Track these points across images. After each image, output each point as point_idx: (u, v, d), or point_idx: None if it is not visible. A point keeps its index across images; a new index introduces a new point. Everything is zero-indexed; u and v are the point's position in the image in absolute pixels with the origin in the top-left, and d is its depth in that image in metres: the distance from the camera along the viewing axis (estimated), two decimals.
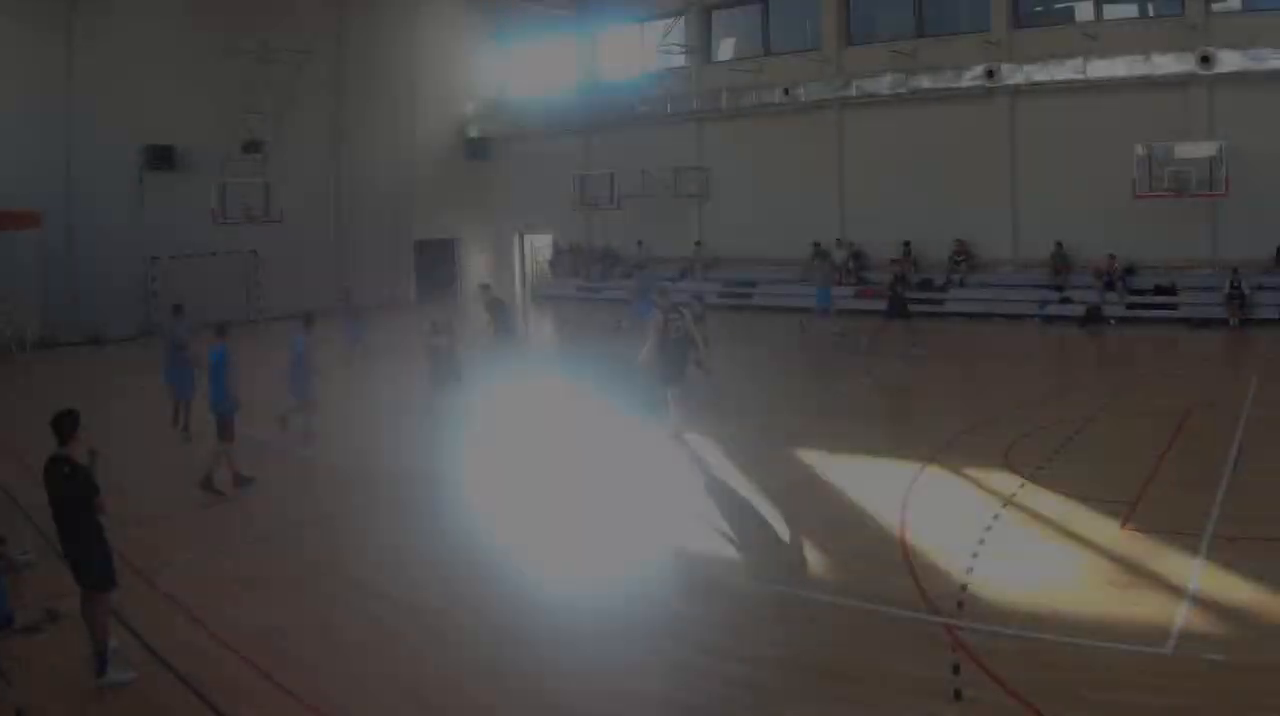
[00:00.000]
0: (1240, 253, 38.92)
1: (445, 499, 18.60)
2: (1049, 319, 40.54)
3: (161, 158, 47.23)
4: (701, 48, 53.29)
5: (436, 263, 59.86)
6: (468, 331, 26.60)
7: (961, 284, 44.45)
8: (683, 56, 53.39)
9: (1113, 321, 39.34)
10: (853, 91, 47.52)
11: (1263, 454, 18.84)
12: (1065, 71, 41.81)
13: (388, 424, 25.39)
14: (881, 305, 35.64)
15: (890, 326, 31.58)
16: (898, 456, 20.09)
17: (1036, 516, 16.06)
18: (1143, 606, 12.22)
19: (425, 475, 20.11)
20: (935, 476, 18.55)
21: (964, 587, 13.08)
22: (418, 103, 57.84)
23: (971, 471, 18.63)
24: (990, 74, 43.20)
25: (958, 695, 10.26)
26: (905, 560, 14.28)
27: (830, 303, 36.28)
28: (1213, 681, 10.27)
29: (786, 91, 48.75)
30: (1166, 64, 39.68)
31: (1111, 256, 40.41)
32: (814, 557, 14.94)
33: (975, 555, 14.24)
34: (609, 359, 31.38)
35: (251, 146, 48.09)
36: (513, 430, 23.39)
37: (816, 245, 48.23)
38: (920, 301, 41.80)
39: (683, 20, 52.94)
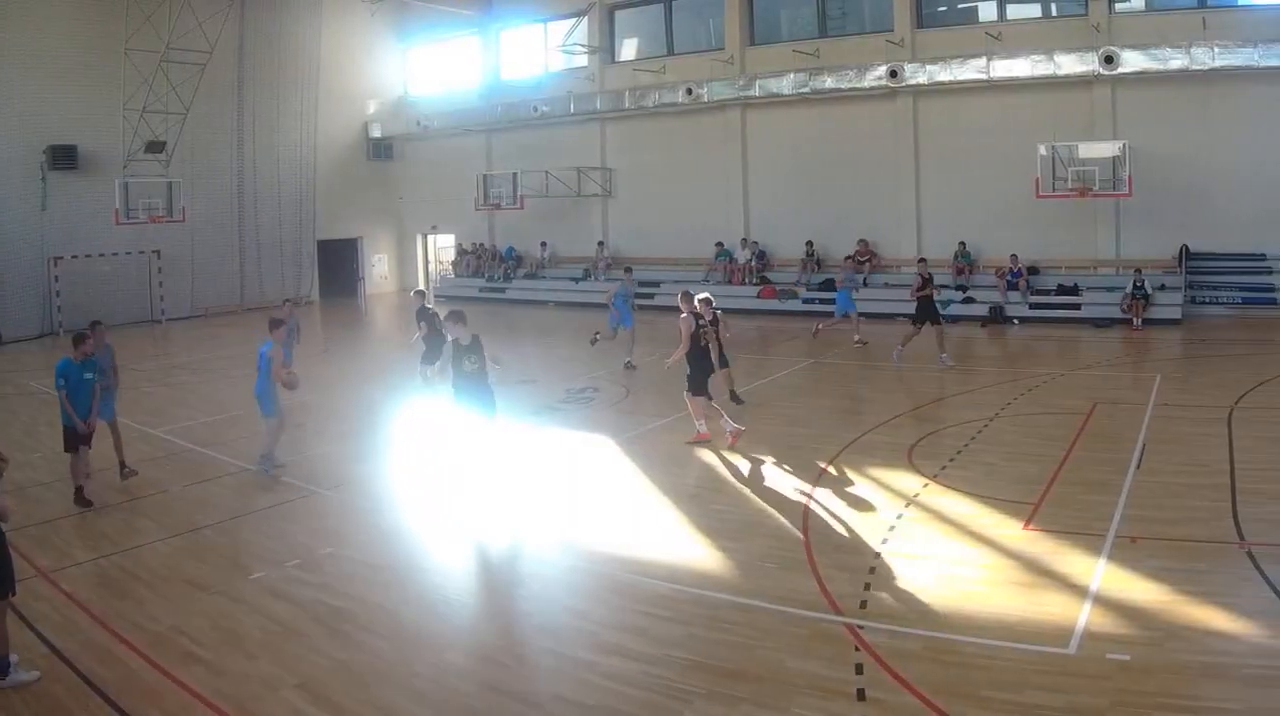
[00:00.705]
0: (1143, 252, 38.13)
1: (355, 500, 17.87)
2: (952, 319, 38.26)
3: (64, 157, 45.30)
4: (604, 48, 51.49)
5: (339, 262, 58.07)
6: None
7: (865, 284, 42.45)
8: (585, 56, 51.68)
9: (1016, 321, 38.32)
10: (756, 91, 45.97)
11: (1165, 453, 18.55)
12: (968, 71, 40.55)
13: (309, 425, 23.84)
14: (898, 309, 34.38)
15: (919, 332, 28.97)
16: (800, 457, 19.42)
17: (940, 516, 15.64)
18: (1046, 606, 11.98)
19: (336, 478, 19.30)
20: (838, 476, 18.00)
21: (867, 587, 12.79)
22: (320, 103, 55.65)
23: (875, 471, 18.11)
24: (893, 74, 41.86)
25: (861, 695, 10.04)
26: (808, 560, 13.92)
27: (853, 307, 33.85)
28: (1116, 681, 10.01)
29: (689, 91, 47.05)
30: (1070, 64, 38.55)
31: (1014, 256, 39.28)
32: (718, 558, 14.38)
33: (878, 555, 13.96)
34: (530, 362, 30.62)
35: (154, 146, 46.20)
36: (432, 433, 21.93)
37: (719, 245, 46.99)
38: (824, 301, 40.84)
39: (585, 20, 51.19)
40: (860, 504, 16.45)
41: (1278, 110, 36.32)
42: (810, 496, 16.80)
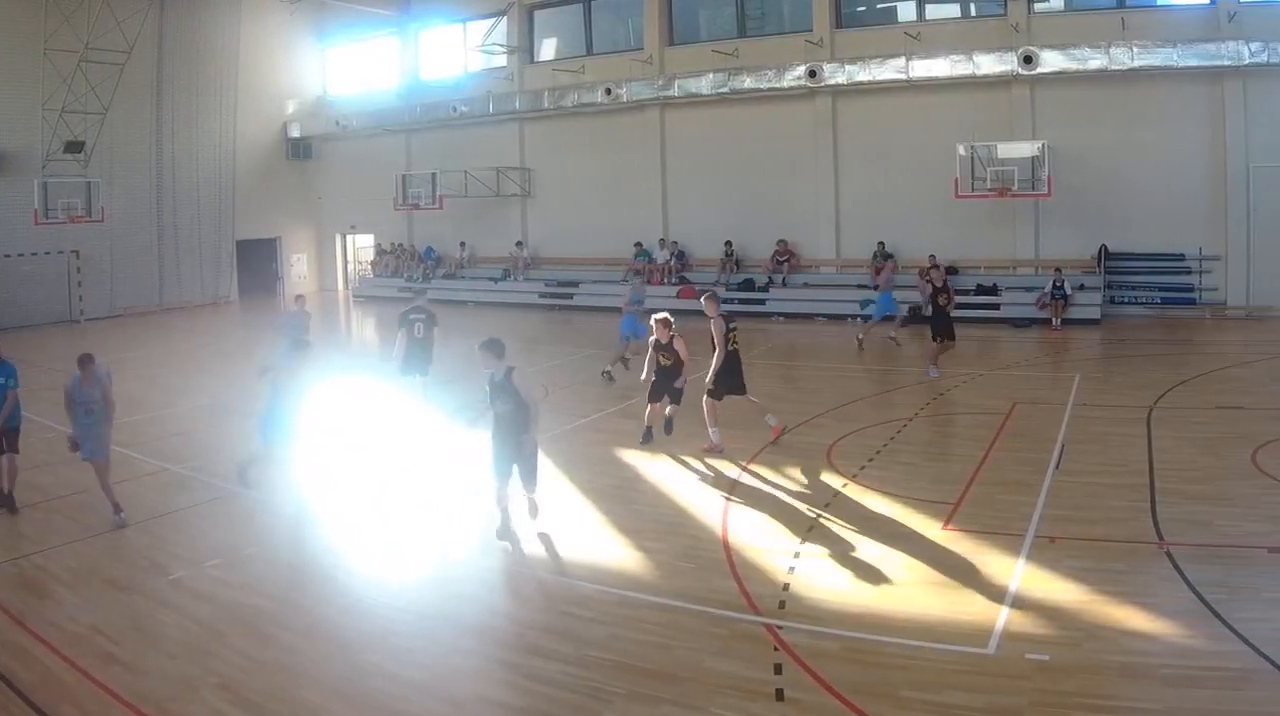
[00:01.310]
0: (1062, 252, 37.19)
1: (277, 501, 16.95)
2: (868, 319, 36.65)
3: None
4: (524, 48, 49.50)
5: (258, 262, 55.83)
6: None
7: (784, 284, 41.71)
8: (505, 56, 49.78)
9: None
10: (675, 91, 44.32)
11: (1084, 454, 18.23)
12: (888, 71, 39.23)
13: (237, 427, 22.21)
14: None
15: (944, 347, 26.69)
16: (720, 456, 18.88)
17: (859, 516, 15.29)
18: (965, 606, 11.79)
19: (258, 478, 17.85)
20: (758, 476, 17.55)
21: (786, 587, 12.57)
22: (239, 102, 53.11)
23: (794, 471, 17.67)
24: (812, 74, 40.37)
25: (780, 695, 9.89)
26: (728, 560, 13.70)
27: (895, 308, 32.03)
28: (1034, 681, 9.89)
29: (609, 91, 45.30)
30: (989, 64, 37.37)
31: (933, 256, 36.74)
32: (639, 558, 14.06)
33: (797, 555, 13.68)
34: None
35: (73, 146, 44.50)
36: (348, 432, 21.70)
37: (638, 245, 45.42)
38: (742, 301, 39.93)
39: (504, 20, 49.34)
40: (779, 504, 16.07)
41: (1197, 110, 35.60)
42: (730, 496, 16.41)
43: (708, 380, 19.23)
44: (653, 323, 18.76)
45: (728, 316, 19.64)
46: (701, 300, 20.14)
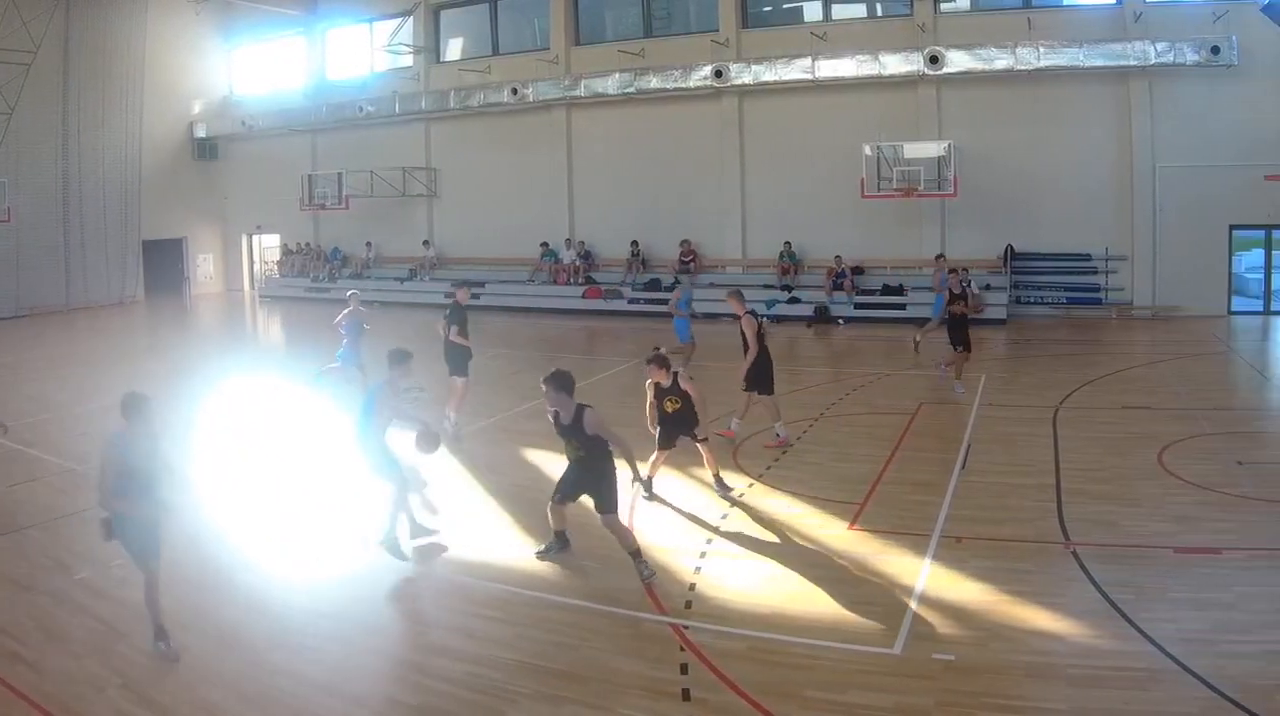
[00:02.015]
0: (968, 253, 35.48)
1: (181, 500, 14.40)
2: (777, 319, 35.82)
3: None
4: (430, 47, 47.16)
5: (164, 262, 52.77)
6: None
7: (692, 284, 39.19)
8: (411, 56, 47.24)
9: (841, 321, 35.44)
10: (581, 91, 42.15)
11: (990, 454, 17.56)
12: (794, 71, 37.53)
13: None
14: None
15: (965, 357, 23.70)
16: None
17: (765, 516, 14.62)
18: (871, 606, 11.31)
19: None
20: (663, 476, 16.25)
21: (692, 587, 12.05)
22: (145, 102, 49.86)
23: (700, 471, 16.36)
24: (718, 74, 38.62)
25: (686, 695, 9.47)
26: (633, 561, 12.60)
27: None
28: (940, 681, 9.52)
29: (515, 91, 43.03)
30: (895, 64, 35.96)
31: (839, 257, 36.53)
32: (543, 558, 13.20)
33: (703, 555, 13.13)
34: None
35: None
36: (251, 433, 20.82)
37: (544, 245, 43.35)
38: (648, 302, 38.32)
39: (411, 20, 46.79)
40: (685, 504, 15.27)
41: (1103, 110, 34.46)
42: (635, 496, 15.05)
43: (742, 377, 18.29)
44: (645, 366, 15.36)
45: (753, 312, 18.74)
46: (727, 298, 19.31)
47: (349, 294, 25.51)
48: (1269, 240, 34.25)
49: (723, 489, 15.48)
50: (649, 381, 15.27)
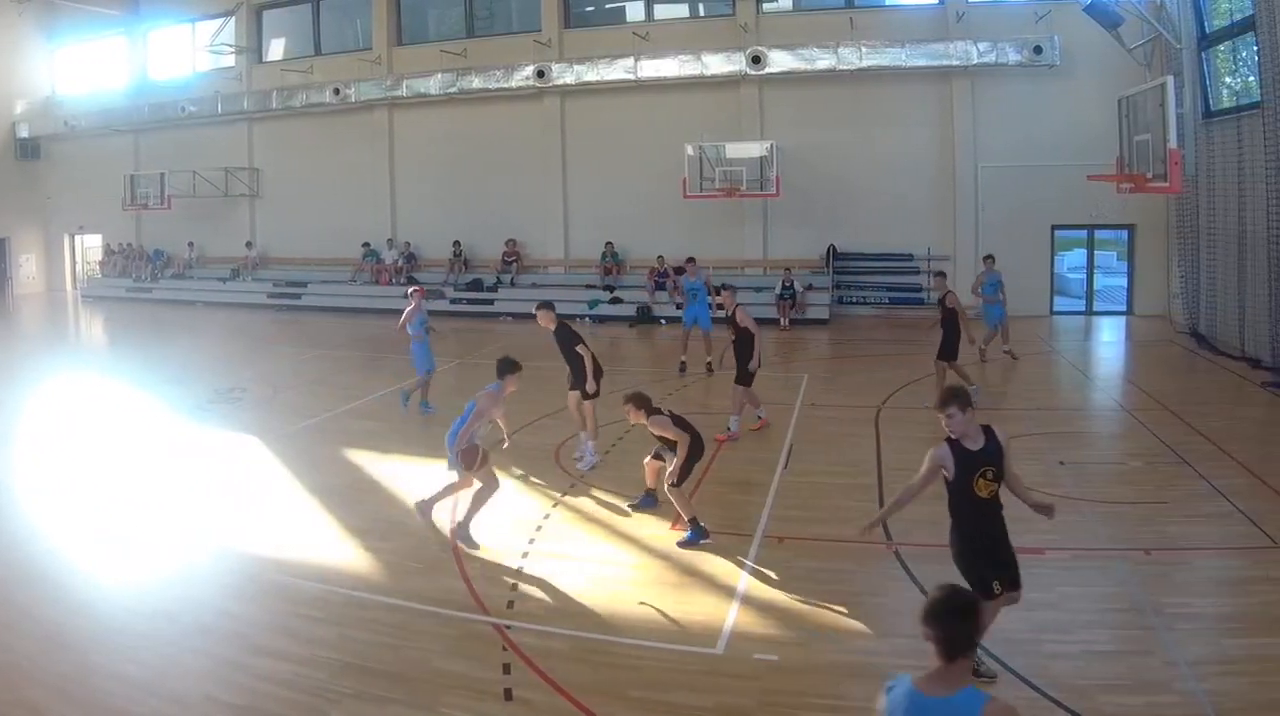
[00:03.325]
0: (791, 253, 32.37)
1: None
2: (600, 319, 32.76)
3: None
4: (252, 48, 41.85)
5: None
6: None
7: (512, 284, 35.76)
8: (233, 56, 41.85)
9: (664, 321, 31.74)
10: (403, 92, 37.54)
11: (813, 454, 16.31)
12: (616, 71, 33.79)
13: None
14: None
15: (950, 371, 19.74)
16: (447, 457, 14.58)
17: (587, 516, 13.59)
18: (694, 606, 10.42)
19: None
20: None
21: (514, 587, 11.02)
22: None
23: (522, 471, 15.45)
24: (541, 74, 34.55)
25: (509, 695, 8.65)
26: (456, 560, 11.94)
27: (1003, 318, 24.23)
28: (763, 681, 8.74)
29: (337, 91, 38.27)
30: (717, 64, 32.47)
31: (661, 257, 32.67)
32: (367, 558, 12.16)
33: (526, 555, 12.05)
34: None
35: None
36: (78, 431, 19.19)
37: (365, 245, 38.64)
38: (471, 302, 34.80)
39: (233, 20, 41.50)
40: (507, 504, 13.72)
41: (926, 110, 31.31)
42: (458, 496, 13.50)
43: (751, 366, 17.14)
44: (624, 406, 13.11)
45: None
46: (721, 294, 18.37)
47: (410, 291, 21.76)
48: (1091, 240, 31.86)
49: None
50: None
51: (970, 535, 8.67)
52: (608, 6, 36.32)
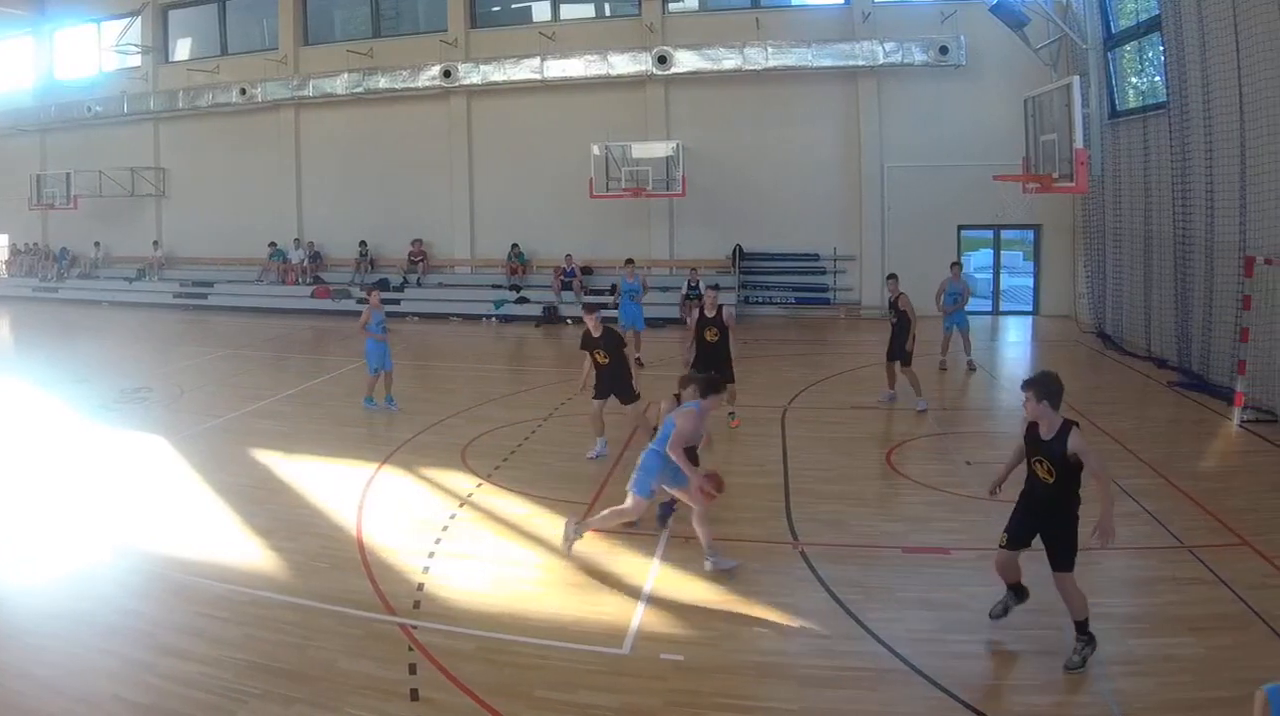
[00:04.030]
0: (697, 253, 30.33)
1: None
2: (506, 319, 30.76)
3: None
4: (158, 47, 38.95)
5: None
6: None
7: (419, 284, 33.47)
8: (139, 56, 39.08)
9: (569, 321, 29.54)
10: (310, 92, 34.89)
11: (719, 453, 14.80)
12: (522, 71, 31.57)
13: None
14: None
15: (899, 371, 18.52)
16: (354, 457, 15.62)
17: (493, 516, 12.62)
18: (600, 606, 9.75)
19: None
20: (392, 477, 14.47)
21: (421, 587, 10.31)
22: None
23: (428, 472, 14.57)
24: (447, 74, 32.29)
25: (415, 695, 8.12)
26: (362, 560, 11.11)
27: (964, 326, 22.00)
28: (670, 681, 8.28)
29: (243, 91, 35.64)
30: (623, 64, 30.44)
31: (569, 256, 30.66)
32: (273, 558, 11.24)
33: (432, 555, 11.14)
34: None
35: None
36: None
37: (272, 245, 35.97)
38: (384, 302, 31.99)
39: (139, 20, 38.68)
40: (414, 504, 13.22)
41: (832, 110, 29.46)
42: (364, 496, 13.45)
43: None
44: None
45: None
46: (706, 292, 17.28)
47: (366, 294, 20.55)
48: (997, 240, 30.18)
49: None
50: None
51: (1024, 494, 8.82)
52: (514, 7, 33.88)
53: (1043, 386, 8.35)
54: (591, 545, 11.38)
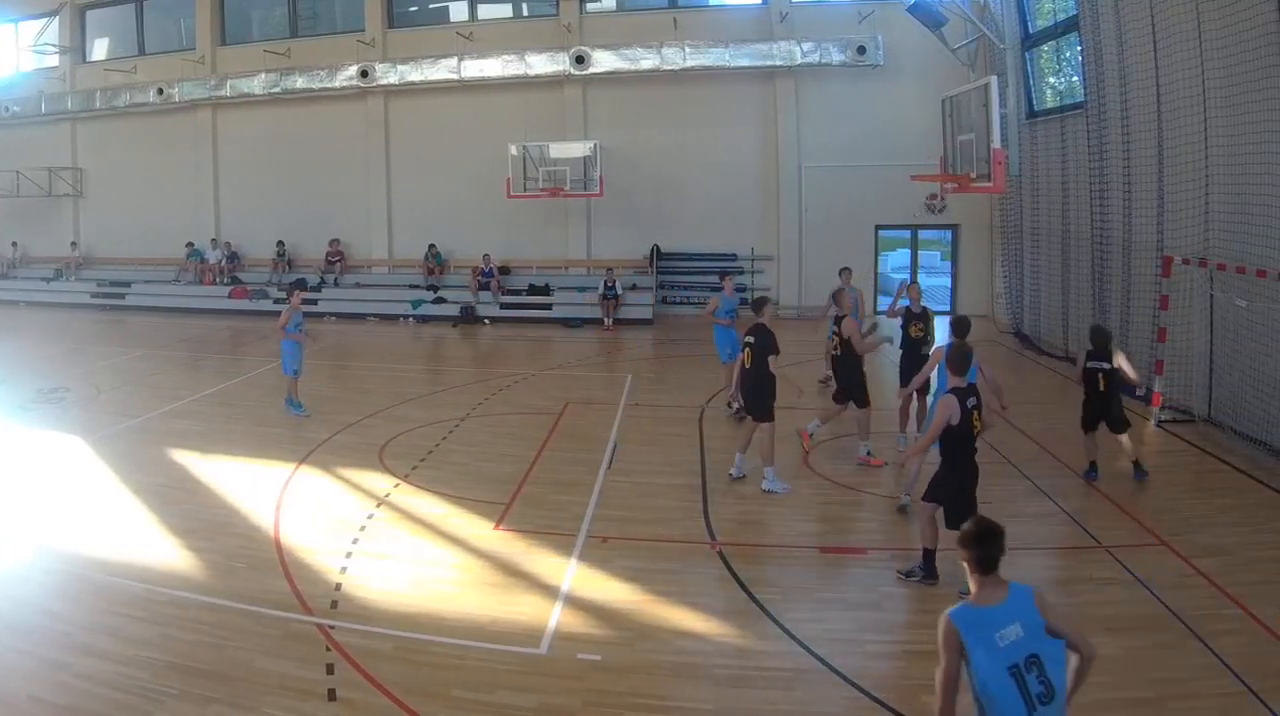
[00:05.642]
0: (615, 253, 28.42)
1: None
2: (423, 319, 28.60)
3: None
4: (76, 47, 35.97)
5: None
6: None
7: (336, 284, 30.91)
8: (57, 56, 36.20)
9: (487, 321, 27.86)
10: (227, 91, 32.16)
11: (636, 453, 14.43)
12: (440, 71, 29.29)
13: None
14: None
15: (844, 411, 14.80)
16: (271, 457, 14.66)
17: (411, 516, 11.83)
18: (517, 606, 9.28)
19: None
20: (309, 477, 13.54)
21: (338, 588, 9.78)
22: None
23: (346, 472, 13.65)
24: (364, 74, 29.81)
25: (332, 695, 7.76)
26: (280, 560, 10.52)
27: None
28: (587, 681, 7.94)
29: (161, 91, 32.73)
30: (541, 64, 28.30)
31: (486, 256, 28.39)
32: (190, 558, 10.67)
33: (349, 555, 10.57)
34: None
35: None
36: None
37: (189, 245, 33.18)
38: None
39: (57, 20, 35.72)
40: (331, 504, 12.39)
41: (750, 110, 27.54)
42: (281, 496, 12.64)
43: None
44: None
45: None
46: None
47: (289, 294, 19.03)
48: (915, 240, 28.33)
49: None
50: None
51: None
52: (431, 6, 31.21)
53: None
54: (509, 545, 10.89)
